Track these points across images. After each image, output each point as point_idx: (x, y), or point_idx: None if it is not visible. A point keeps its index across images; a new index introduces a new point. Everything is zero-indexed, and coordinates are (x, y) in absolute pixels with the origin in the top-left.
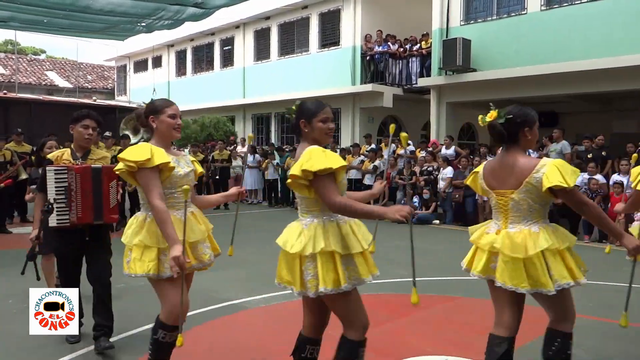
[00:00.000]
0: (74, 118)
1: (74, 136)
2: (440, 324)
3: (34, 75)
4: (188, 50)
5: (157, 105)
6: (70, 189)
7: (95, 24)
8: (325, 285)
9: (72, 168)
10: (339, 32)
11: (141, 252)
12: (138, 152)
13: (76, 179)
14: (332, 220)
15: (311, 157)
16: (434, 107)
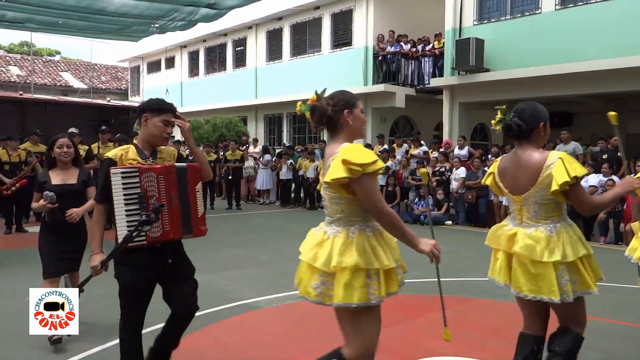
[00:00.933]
0: (154, 109)
1: (144, 130)
2: (453, 325)
3: (49, 76)
4: (201, 51)
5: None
6: (148, 195)
7: (109, 25)
8: None
9: (152, 168)
10: (351, 32)
11: (350, 276)
12: (362, 154)
13: (158, 183)
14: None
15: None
16: (447, 107)
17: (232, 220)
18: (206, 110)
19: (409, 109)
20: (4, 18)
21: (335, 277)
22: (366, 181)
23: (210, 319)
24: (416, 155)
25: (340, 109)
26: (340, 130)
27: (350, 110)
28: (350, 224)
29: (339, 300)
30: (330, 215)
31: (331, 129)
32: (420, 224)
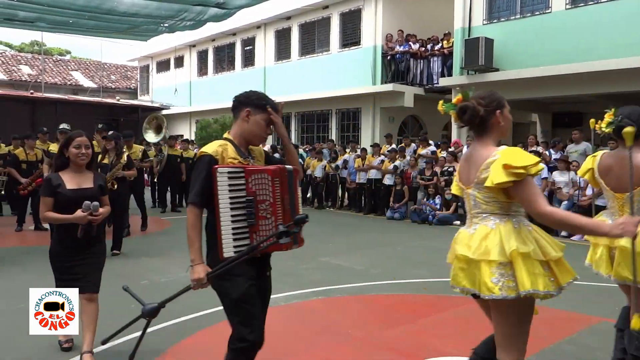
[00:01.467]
0: (259, 105)
1: (243, 126)
2: (462, 325)
3: (59, 76)
4: (210, 50)
5: None
6: (258, 200)
7: (119, 24)
8: None
9: (265, 170)
10: (360, 31)
11: (530, 263)
12: (523, 156)
13: (273, 186)
14: None
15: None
16: None
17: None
18: (215, 110)
19: (417, 109)
20: (16, 18)
21: (515, 266)
22: (529, 183)
23: (218, 318)
24: (424, 155)
25: (493, 110)
26: (490, 131)
27: (501, 111)
28: (510, 217)
29: (526, 287)
30: (484, 212)
31: (479, 130)
32: (428, 223)
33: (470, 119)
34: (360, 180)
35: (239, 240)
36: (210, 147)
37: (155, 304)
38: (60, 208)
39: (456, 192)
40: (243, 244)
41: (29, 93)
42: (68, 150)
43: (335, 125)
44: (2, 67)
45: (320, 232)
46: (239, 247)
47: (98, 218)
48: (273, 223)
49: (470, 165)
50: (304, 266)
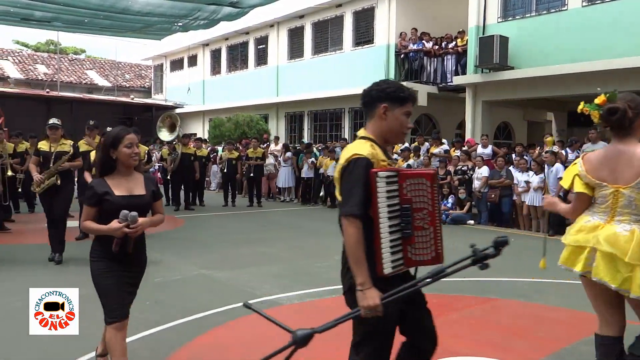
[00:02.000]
0: (397, 98)
1: (381, 124)
2: (476, 325)
3: (74, 74)
4: (223, 49)
5: None
6: (414, 208)
7: (133, 24)
8: None
9: (421, 174)
10: (373, 30)
11: None
12: None
13: (432, 193)
14: None
15: None
16: (470, 105)
17: (253, 217)
18: (228, 108)
19: (431, 107)
20: (32, 17)
21: None
22: None
23: (233, 315)
24: (437, 154)
25: (638, 113)
26: (632, 133)
27: None
28: None
29: None
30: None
31: (622, 131)
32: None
33: (619, 120)
34: None
35: (395, 254)
36: (363, 148)
37: (307, 330)
38: (108, 217)
39: (581, 189)
40: (398, 257)
41: (45, 92)
42: (116, 150)
43: (348, 124)
44: (19, 67)
45: (334, 231)
46: (396, 263)
47: (136, 231)
48: (432, 234)
49: (621, 165)
50: (318, 265)
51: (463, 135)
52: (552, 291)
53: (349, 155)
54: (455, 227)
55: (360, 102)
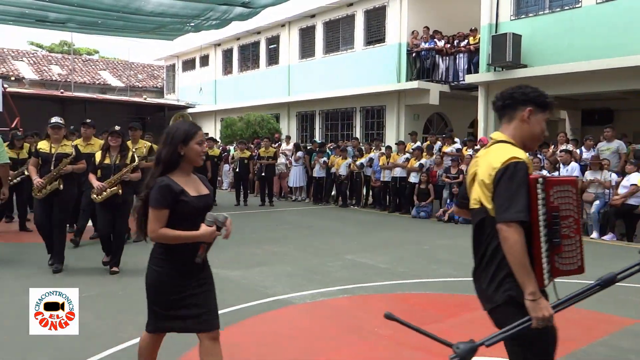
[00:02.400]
0: (542, 103)
1: (523, 127)
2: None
3: (88, 75)
4: (234, 49)
5: None
6: (562, 216)
7: (146, 24)
8: None
9: (568, 181)
10: (385, 29)
11: None
12: None
13: (577, 200)
14: None
15: None
16: (482, 104)
17: (265, 216)
18: (239, 108)
19: (443, 106)
20: (47, 19)
21: None
22: None
23: (246, 314)
24: (449, 153)
25: None
26: None
27: None
28: None
29: None
30: None
31: None
32: (454, 222)
33: None
34: (384, 179)
35: (548, 264)
36: (519, 152)
37: (471, 344)
38: (178, 221)
39: None
40: (549, 268)
41: (59, 92)
42: (186, 147)
43: (360, 123)
44: (34, 67)
45: (345, 230)
46: (548, 273)
47: (228, 233)
48: (578, 243)
49: None
50: (330, 264)
51: (475, 134)
52: (566, 291)
53: (507, 159)
54: (467, 226)
55: (497, 103)
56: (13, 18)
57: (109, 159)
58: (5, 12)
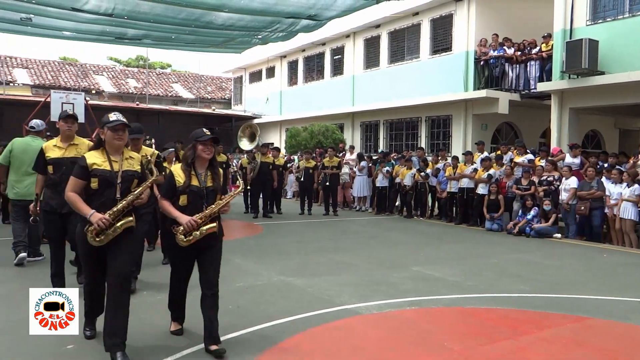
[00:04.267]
0: None
1: None
2: (567, 345)
3: (161, 87)
4: (300, 60)
5: None
6: None
7: (216, 38)
8: None
9: None
10: (451, 37)
11: None
12: None
13: None
14: None
15: None
16: (555, 113)
17: (329, 226)
18: (304, 118)
19: (512, 115)
20: (125, 36)
21: None
22: None
23: (312, 322)
24: (520, 164)
25: None
26: None
27: None
28: None
29: None
30: None
31: None
32: (526, 235)
33: None
34: (451, 189)
35: None
36: None
37: None
38: None
39: None
40: None
41: (135, 104)
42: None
43: (425, 133)
44: (112, 81)
45: (410, 241)
46: None
47: None
48: None
49: None
50: (396, 275)
51: (548, 144)
52: None
53: None
54: (539, 240)
55: None
56: (95, 36)
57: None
58: (88, 30)
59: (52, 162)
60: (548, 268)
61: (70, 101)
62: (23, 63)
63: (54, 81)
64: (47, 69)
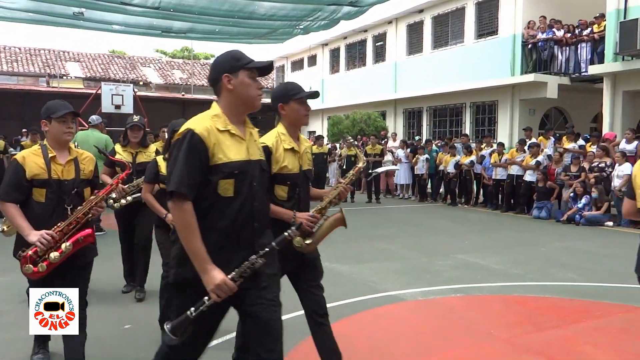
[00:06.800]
0: None
1: None
2: (619, 334)
3: (205, 78)
4: (341, 47)
5: None
6: None
7: (259, 29)
8: None
9: None
10: (497, 20)
11: None
12: None
13: None
14: None
15: None
16: (608, 97)
17: (372, 213)
18: (346, 106)
19: (561, 100)
20: (171, 30)
21: None
22: None
23: (357, 308)
24: (570, 150)
25: None
26: None
27: None
28: None
29: None
30: None
31: None
32: (575, 223)
33: None
34: (497, 176)
35: None
36: None
37: None
38: None
39: None
40: None
41: (181, 95)
42: None
43: (470, 119)
44: (159, 73)
45: (454, 228)
46: None
47: None
48: None
49: None
50: (440, 262)
51: (599, 129)
52: None
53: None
54: (590, 228)
55: None
56: (143, 30)
57: None
58: (136, 24)
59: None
60: (599, 257)
61: (119, 93)
62: (75, 57)
63: (104, 74)
64: (97, 62)
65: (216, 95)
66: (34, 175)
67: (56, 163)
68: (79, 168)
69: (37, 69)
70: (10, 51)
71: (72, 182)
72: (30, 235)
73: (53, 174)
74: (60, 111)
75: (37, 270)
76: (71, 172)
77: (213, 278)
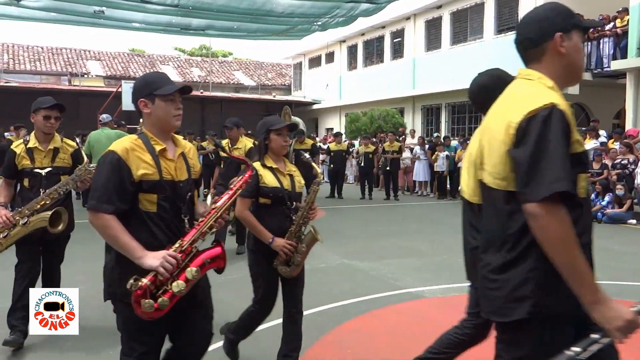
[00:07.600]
0: None
1: None
2: None
3: (223, 75)
4: (359, 44)
5: None
6: None
7: (277, 26)
8: None
9: None
10: (517, 15)
11: None
12: None
13: None
14: None
15: None
16: (631, 92)
17: (390, 210)
18: (364, 103)
19: (583, 96)
20: (190, 27)
21: None
22: None
23: (376, 304)
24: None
25: None
26: None
27: None
28: None
29: None
30: None
31: None
32: (597, 221)
33: None
34: None
35: None
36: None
37: None
38: None
39: None
40: None
41: (200, 92)
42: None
43: None
44: (177, 70)
45: None
46: None
47: None
48: None
49: None
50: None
51: (622, 125)
52: None
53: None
54: (613, 226)
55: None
56: (162, 27)
57: None
58: (156, 22)
59: None
60: (623, 255)
61: None
62: (96, 55)
63: (124, 72)
64: (117, 60)
65: None
66: (142, 175)
67: (166, 158)
68: (189, 165)
69: (59, 67)
70: (33, 50)
71: (186, 184)
72: (145, 258)
73: (165, 173)
74: (168, 86)
75: (158, 306)
76: (183, 171)
77: None
